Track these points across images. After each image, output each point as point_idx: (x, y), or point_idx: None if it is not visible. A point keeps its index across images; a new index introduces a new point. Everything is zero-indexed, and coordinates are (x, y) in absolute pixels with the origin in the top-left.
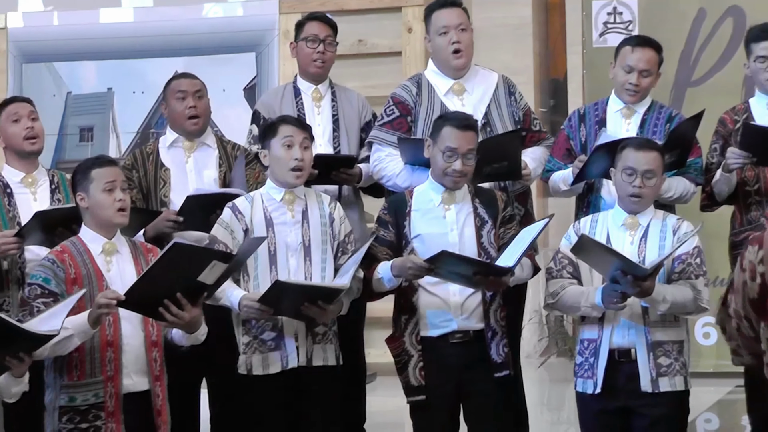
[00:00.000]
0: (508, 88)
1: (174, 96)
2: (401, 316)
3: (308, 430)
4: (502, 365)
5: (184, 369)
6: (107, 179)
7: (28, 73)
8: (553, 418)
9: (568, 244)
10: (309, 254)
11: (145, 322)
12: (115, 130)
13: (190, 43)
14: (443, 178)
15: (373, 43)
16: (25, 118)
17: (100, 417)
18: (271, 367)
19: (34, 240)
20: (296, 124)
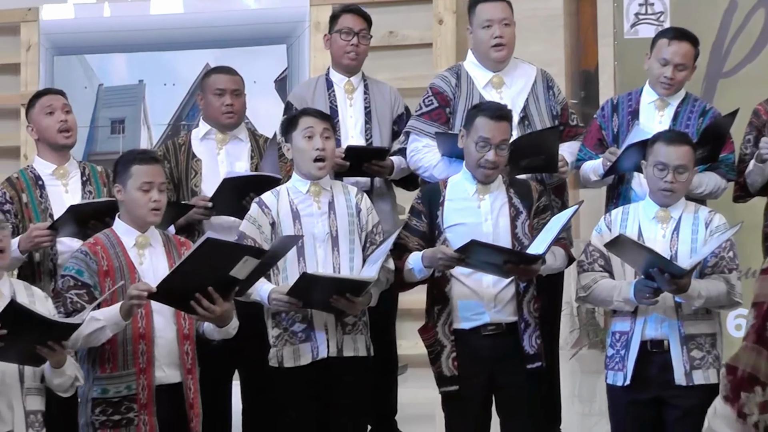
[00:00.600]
0: (547, 82)
1: (212, 91)
2: (434, 306)
3: (338, 421)
4: (535, 357)
5: (216, 362)
6: (146, 179)
7: (59, 65)
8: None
9: (599, 236)
10: (337, 245)
11: (178, 315)
12: (146, 122)
13: (221, 35)
14: (476, 170)
15: (404, 35)
16: (59, 111)
17: (133, 409)
18: (302, 359)
19: (67, 232)
20: (316, 115)
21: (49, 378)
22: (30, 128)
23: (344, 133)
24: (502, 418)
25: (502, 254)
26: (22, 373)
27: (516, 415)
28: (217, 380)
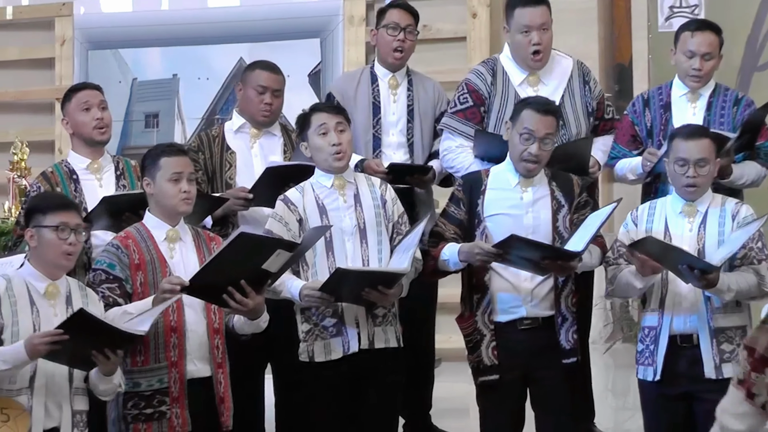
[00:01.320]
0: (583, 77)
1: (253, 87)
2: (473, 295)
3: (370, 414)
4: (571, 351)
5: (248, 356)
6: (174, 169)
7: (94, 59)
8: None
9: (625, 232)
10: (365, 237)
11: (208, 309)
12: (180, 116)
13: (254, 29)
14: (518, 163)
15: (438, 29)
16: (95, 108)
17: (165, 402)
18: (333, 354)
19: (101, 225)
20: (328, 110)
21: (95, 383)
22: (65, 122)
23: (385, 129)
24: (537, 413)
25: (541, 250)
26: (71, 373)
27: (551, 410)
28: (249, 374)
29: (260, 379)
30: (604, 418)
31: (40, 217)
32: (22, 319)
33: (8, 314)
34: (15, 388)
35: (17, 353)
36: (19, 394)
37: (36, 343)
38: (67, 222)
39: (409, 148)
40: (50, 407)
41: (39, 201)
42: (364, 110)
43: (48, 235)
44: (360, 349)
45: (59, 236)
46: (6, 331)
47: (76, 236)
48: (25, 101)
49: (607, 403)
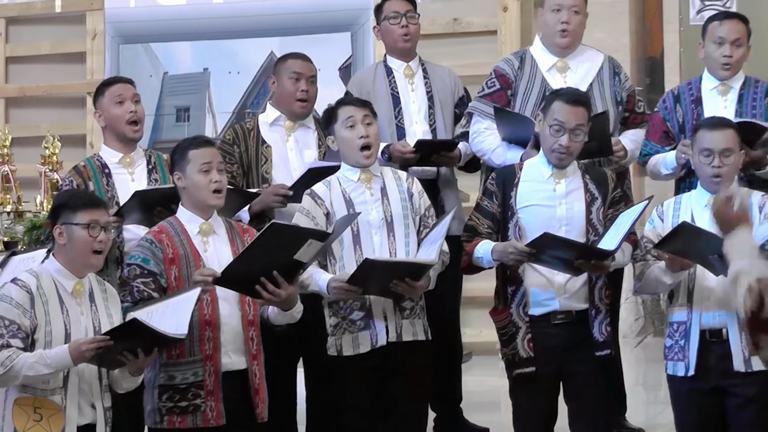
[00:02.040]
0: (613, 69)
1: (288, 75)
2: (507, 288)
3: (400, 406)
4: (604, 344)
5: (282, 348)
6: (204, 160)
7: (125, 53)
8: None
9: (651, 228)
10: (392, 230)
11: (242, 301)
12: (211, 110)
13: (285, 23)
14: (550, 154)
15: (468, 22)
16: (129, 101)
17: (200, 395)
18: (361, 347)
19: (133, 219)
20: (355, 103)
21: (119, 380)
22: (98, 115)
23: (408, 119)
24: (570, 406)
25: (574, 249)
26: (100, 371)
27: (584, 404)
28: (283, 367)
29: (294, 372)
30: (635, 413)
31: (69, 214)
32: (54, 320)
33: (41, 314)
34: (49, 388)
35: (62, 358)
36: (53, 393)
37: (84, 350)
38: (97, 219)
39: (433, 134)
40: (83, 405)
41: (68, 198)
42: (384, 103)
43: (78, 232)
44: (388, 342)
45: (90, 234)
46: (39, 331)
47: (106, 234)
48: (56, 95)
49: (638, 398)
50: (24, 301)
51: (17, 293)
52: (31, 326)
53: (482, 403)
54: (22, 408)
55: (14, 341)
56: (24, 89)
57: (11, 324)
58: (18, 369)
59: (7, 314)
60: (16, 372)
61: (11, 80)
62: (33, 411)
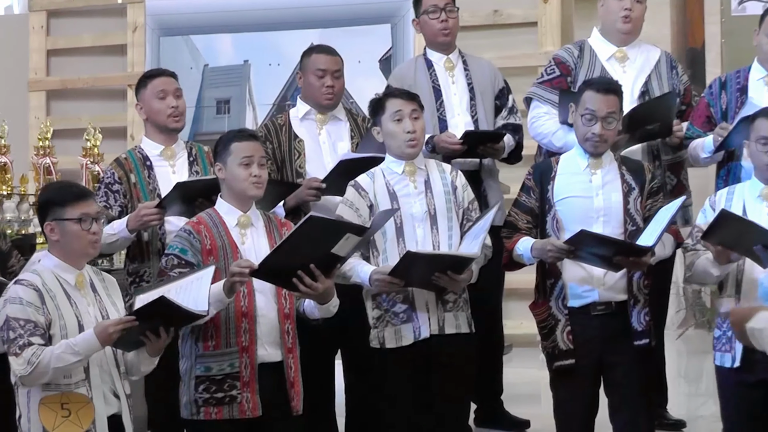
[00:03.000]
0: (671, 62)
1: (312, 72)
2: (546, 281)
3: (442, 399)
4: (643, 333)
5: (319, 341)
6: (245, 154)
7: (165, 46)
8: (690, 391)
9: (704, 218)
10: (435, 223)
11: (279, 294)
12: (251, 102)
13: (325, 15)
14: (584, 143)
15: (509, 14)
16: (170, 96)
17: (236, 387)
18: (403, 340)
19: (175, 211)
20: (403, 97)
21: (136, 364)
22: (139, 107)
23: (450, 111)
24: (610, 398)
25: (612, 246)
26: (116, 359)
27: (625, 396)
28: (320, 359)
29: (331, 364)
30: (677, 405)
31: (58, 210)
32: (65, 313)
33: (52, 309)
34: (72, 381)
35: (89, 343)
36: (77, 387)
37: (111, 332)
38: (88, 212)
39: (475, 125)
40: (107, 395)
41: (55, 193)
42: (425, 96)
43: (71, 227)
44: (431, 335)
45: (82, 227)
46: (54, 326)
47: (97, 224)
48: (97, 88)
49: (680, 390)
50: (33, 299)
51: (25, 292)
52: (45, 322)
53: (523, 395)
54: (48, 407)
55: (34, 339)
56: (65, 82)
57: (27, 323)
58: (46, 363)
59: (21, 315)
60: (44, 367)
61: (52, 73)
62: (60, 407)
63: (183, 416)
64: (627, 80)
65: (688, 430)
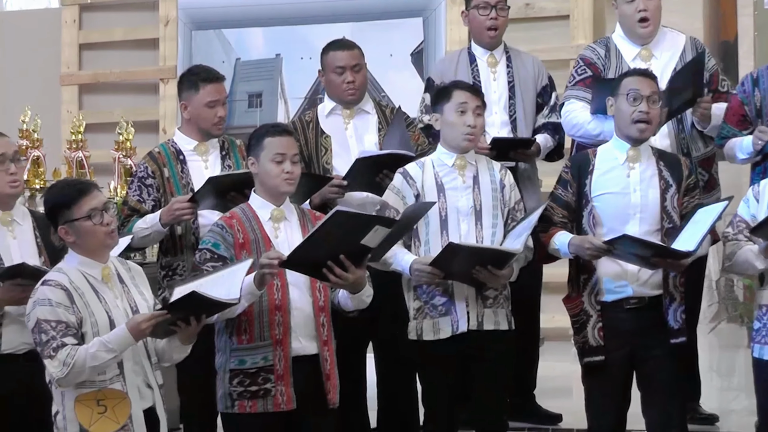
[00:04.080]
0: (696, 49)
1: (332, 69)
2: (580, 276)
3: (477, 392)
4: (679, 331)
5: (352, 333)
6: (278, 150)
7: (197, 39)
8: (723, 385)
9: (746, 207)
10: (480, 219)
11: (313, 287)
12: (283, 95)
13: (357, 9)
14: (630, 127)
15: (541, 7)
16: (220, 106)
17: (270, 380)
18: (441, 333)
19: (208, 205)
20: (470, 91)
21: (169, 352)
22: (183, 106)
23: (488, 108)
24: (642, 393)
25: (651, 249)
26: (147, 349)
27: (657, 390)
28: (353, 352)
29: (363, 357)
30: (709, 399)
31: (66, 212)
32: (95, 310)
33: (82, 307)
34: (107, 378)
35: (123, 339)
36: (112, 382)
37: (143, 327)
38: (95, 206)
39: (512, 125)
40: (141, 387)
41: (57, 197)
42: None
43: (83, 225)
44: (469, 330)
45: (94, 222)
46: (85, 324)
47: (108, 214)
48: (129, 81)
49: (712, 384)
50: (62, 299)
51: (53, 293)
52: (76, 321)
53: (555, 388)
54: (84, 404)
55: (67, 339)
56: (97, 75)
57: (59, 324)
58: (81, 363)
59: (52, 316)
60: (80, 367)
61: (85, 67)
62: (96, 404)
63: (219, 409)
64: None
65: (720, 424)
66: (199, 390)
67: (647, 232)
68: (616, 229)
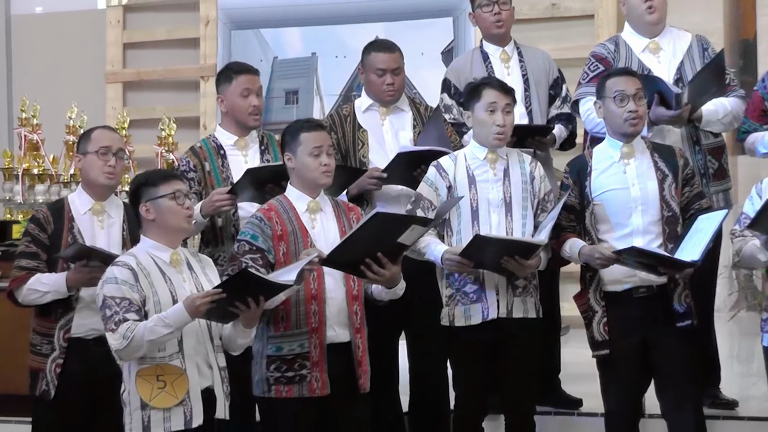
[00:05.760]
0: (702, 45)
1: (372, 70)
2: (586, 273)
3: (508, 380)
4: (685, 315)
5: (385, 321)
6: (314, 144)
7: (236, 39)
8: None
9: (751, 205)
10: (510, 210)
11: (347, 277)
12: (318, 92)
13: (389, 9)
14: (622, 126)
15: (567, 7)
16: (253, 95)
17: (306, 366)
18: (472, 319)
19: (246, 197)
20: (500, 89)
21: (233, 337)
22: (220, 100)
23: None
24: (656, 378)
25: (658, 260)
26: (210, 332)
27: (670, 375)
28: (385, 339)
29: (395, 344)
30: (729, 384)
31: (152, 190)
32: (160, 290)
33: (146, 286)
34: (167, 354)
35: (179, 315)
36: (171, 359)
37: (198, 305)
38: (180, 188)
39: (529, 116)
40: (201, 366)
41: (146, 177)
42: None
43: (165, 203)
44: (499, 317)
45: (177, 202)
46: (148, 302)
47: (191, 201)
48: (171, 79)
49: (732, 370)
50: (128, 277)
51: (120, 272)
52: (140, 299)
53: (579, 374)
54: (144, 379)
55: (129, 315)
56: (141, 74)
57: (123, 300)
58: (140, 337)
59: (117, 293)
60: (138, 340)
61: (129, 65)
62: (156, 379)
63: (255, 393)
64: (662, 69)
65: (740, 409)
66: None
67: (650, 223)
68: (621, 224)
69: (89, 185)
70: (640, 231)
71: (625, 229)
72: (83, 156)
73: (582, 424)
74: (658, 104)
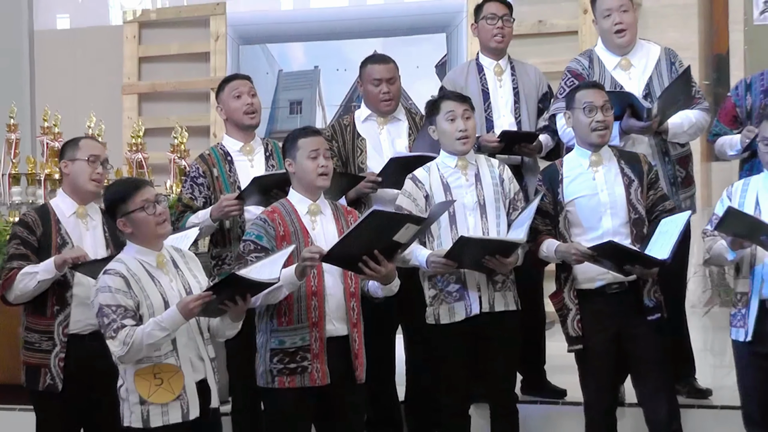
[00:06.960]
0: (669, 59)
1: (369, 81)
2: (561, 273)
3: (490, 368)
4: (654, 309)
5: (382, 317)
6: (312, 148)
7: (244, 53)
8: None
9: (721, 206)
10: (485, 212)
11: (345, 275)
12: (321, 103)
13: (387, 25)
14: (590, 136)
15: (552, 24)
16: (245, 95)
17: (307, 358)
18: (456, 316)
19: (253, 201)
20: (455, 98)
21: (222, 329)
22: (219, 109)
23: (496, 112)
24: (631, 369)
25: (631, 257)
26: (200, 326)
27: (644, 366)
28: (382, 333)
29: (392, 339)
30: (704, 375)
31: (122, 206)
32: (151, 294)
33: (138, 291)
34: (162, 353)
35: (174, 318)
36: (167, 357)
37: (191, 307)
38: (147, 198)
39: (518, 126)
40: (194, 361)
41: (113, 194)
42: (475, 98)
43: (138, 216)
44: (481, 312)
45: (147, 213)
46: (141, 307)
47: (160, 205)
48: (183, 91)
49: (707, 362)
50: (120, 285)
51: (112, 281)
52: (134, 304)
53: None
54: (142, 377)
55: (126, 321)
56: (155, 86)
57: (118, 308)
58: (139, 341)
59: (112, 301)
60: (138, 345)
61: (144, 78)
62: (153, 377)
63: (259, 384)
64: (633, 85)
65: (713, 397)
66: (244, 367)
67: (619, 225)
68: (593, 227)
69: (75, 190)
70: (610, 233)
71: (596, 232)
72: (71, 162)
73: (566, 413)
74: (629, 116)
